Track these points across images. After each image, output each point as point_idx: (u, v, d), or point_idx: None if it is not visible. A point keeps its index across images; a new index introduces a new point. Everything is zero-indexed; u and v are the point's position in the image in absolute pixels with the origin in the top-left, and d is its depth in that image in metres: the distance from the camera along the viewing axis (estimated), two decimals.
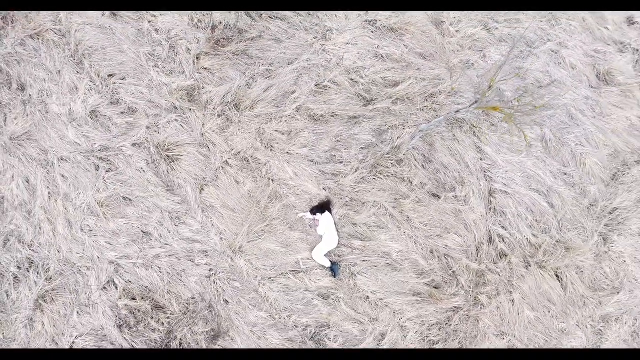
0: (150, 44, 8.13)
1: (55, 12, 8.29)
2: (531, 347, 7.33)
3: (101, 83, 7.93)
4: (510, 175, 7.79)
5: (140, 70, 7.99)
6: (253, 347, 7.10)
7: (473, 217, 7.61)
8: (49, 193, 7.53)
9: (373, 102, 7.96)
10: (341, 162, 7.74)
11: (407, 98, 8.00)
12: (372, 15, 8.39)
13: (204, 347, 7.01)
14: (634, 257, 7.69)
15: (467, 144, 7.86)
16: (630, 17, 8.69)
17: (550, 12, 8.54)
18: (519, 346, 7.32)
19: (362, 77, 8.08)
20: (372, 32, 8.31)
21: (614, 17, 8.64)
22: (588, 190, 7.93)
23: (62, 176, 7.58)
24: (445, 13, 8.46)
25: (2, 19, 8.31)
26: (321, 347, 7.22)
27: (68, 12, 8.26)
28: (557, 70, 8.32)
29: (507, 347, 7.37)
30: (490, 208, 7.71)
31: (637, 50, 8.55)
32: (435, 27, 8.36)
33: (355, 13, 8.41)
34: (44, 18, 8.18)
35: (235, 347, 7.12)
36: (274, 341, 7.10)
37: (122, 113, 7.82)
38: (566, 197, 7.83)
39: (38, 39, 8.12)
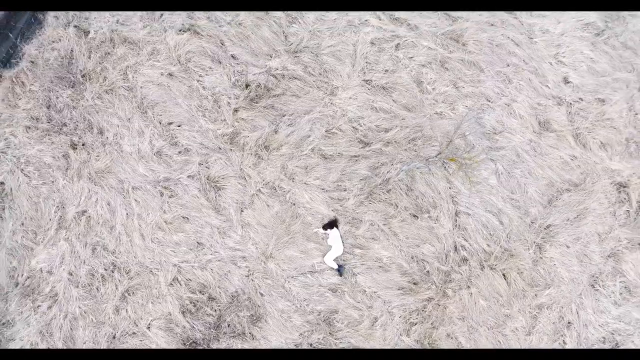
0: (198, 98, 11.17)
1: (124, 70, 11.30)
2: (484, 327, 10.51)
3: (162, 129, 10.97)
4: (471, 200, 10.97)
5: (192, 119, 11.04)
6: (282, 328, 10.20)
7: (443, 231, 10.79)
8: (126, 213, 10.56)
9: (369, 145, 11.09)
10: (345, 190, 10.86)
11: (395, 141, 11.13)
12: (369, 75, 11.50)
13: (247, 328, 10.10)
14: (561, 262, 10.89)
15: (439, 176, 11.01)
16: (565, 77, 11.88)
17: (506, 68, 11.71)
18: (476, 327, 10.50)
19: (361, 125, 11.20)
20: (369, 89, 11.43)
21: (554, 78, 11.82)
22: (529, 211, 11.13)
23: (136, 200, 10.61)
24: (424, 74, 11.60)
25: (82, 76, 11.29)
26: (329, 331, 10.32)
27: (134, 70, 11.27)
28: (508, 119, 11.49)
29: (467, 330, 10.53)
30: (456, 225, 10.88)
31: (570, 103, 11.74)
32: (417, 86, 11.49)
33: (356, 73, 11.52)
34: (115, 76, 11.18)
35: (268, 328, 10.22)
36: (297, 323, 10.22)
37: (180, 152, 10.87)
38: (513, 217, 11.03)
39: (112, 93, 11.12)
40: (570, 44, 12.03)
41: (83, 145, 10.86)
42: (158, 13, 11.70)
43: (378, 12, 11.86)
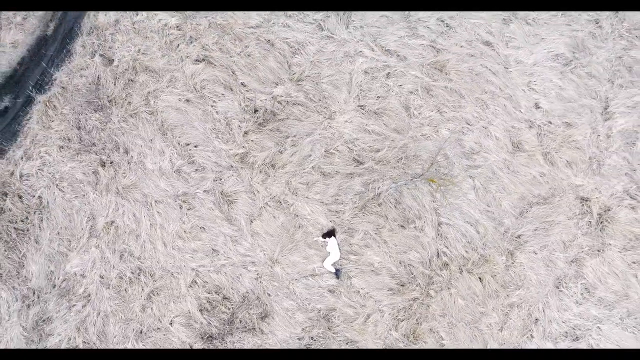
0: (212, 121, 12.85)
1: (146, 96, 12.96)
2: (462, 323, 12.30)
3: (181, 149, 12.65)
4: (452, 212, 12.74)
5: (207, 140, 12.72)
6: (287, 324, 11.94)
7: (427, 240, 12.56)
8: (150, 223, 12.24)
9: (363, 163, 12.83)
10: (342, 204, 12.60)
11: (385, 160, 12.88)
12: (363, 101, 13.23)
13: (256, 323, 11.83)
14: (530, 267, 12.69)
15: (424, 191, 12.77)
16: (536, 103, 13.66)
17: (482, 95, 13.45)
18: (455, 323, 12.28)
19: (356, 146, 12.93)
20: (363, 114, 13.16)
21: (526, 103, 13.60)
22: (503, 222, 12.90)
23: (158, 212, 12.29)
24: (412, 100, 13.33)
25: (109, 101, 12.95)
26: (328, 327, 12.06)
27: (155, 96, 12.92)
28: (485, 140, 13.26)
29: (448, 326, 12.31)
30: (438, 234, 12.65)
31: (540, 126, 13.52)
32: (405, 111, 13.23)
33: (352, 100, 13.23)
34: (138, 101, 12.84)
35: (275, 324, 11.95)
36: (300, 319, 11.96)
37: (196, 170, 12.56)
38: (488, 227, 12.81)
39: (136, 116, 12.78)
40: (541, 73, 13.80)
41: (111, 163, 12.51)
42: (175, 43, 13.37)
43: (371, 44, 13.59)
